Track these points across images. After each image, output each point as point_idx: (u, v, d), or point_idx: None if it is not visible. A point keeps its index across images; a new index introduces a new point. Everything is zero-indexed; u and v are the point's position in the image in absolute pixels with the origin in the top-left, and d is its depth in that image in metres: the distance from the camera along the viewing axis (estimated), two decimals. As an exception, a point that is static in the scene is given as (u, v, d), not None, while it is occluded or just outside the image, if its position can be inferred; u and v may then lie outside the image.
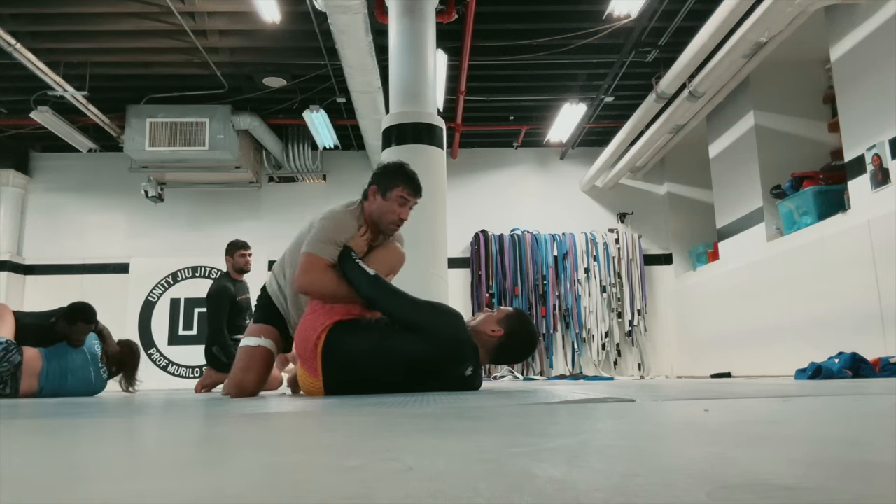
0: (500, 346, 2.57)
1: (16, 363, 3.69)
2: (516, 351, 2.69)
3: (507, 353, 2.66)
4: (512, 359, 2.80)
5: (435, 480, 0.47)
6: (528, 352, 2.75)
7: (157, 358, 7.68)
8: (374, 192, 2.82)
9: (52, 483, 0.52)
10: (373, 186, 2.83)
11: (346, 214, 2.79)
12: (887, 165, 4.27)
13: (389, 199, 2.78)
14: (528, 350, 2.73)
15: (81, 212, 8.20)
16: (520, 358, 2.82)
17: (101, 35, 5.77)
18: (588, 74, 6.57)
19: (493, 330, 2.56)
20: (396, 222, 2.83)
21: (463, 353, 2.45)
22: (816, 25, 4.95)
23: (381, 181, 2.81)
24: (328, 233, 2.71)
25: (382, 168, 2.88)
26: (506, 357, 2.72)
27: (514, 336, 2.59)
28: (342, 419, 1.19)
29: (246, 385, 2.80)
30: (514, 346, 2.62)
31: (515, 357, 2.77)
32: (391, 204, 2.78)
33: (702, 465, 0.53)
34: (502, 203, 8.24)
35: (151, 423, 1.36)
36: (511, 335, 2.58)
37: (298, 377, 2.61)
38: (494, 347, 2.58)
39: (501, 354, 2.64)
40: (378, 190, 2.81)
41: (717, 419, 1.00)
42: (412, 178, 2.83)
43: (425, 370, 2.42)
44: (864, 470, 0.49)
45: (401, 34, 4.32)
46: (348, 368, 2.45)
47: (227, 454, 0.70)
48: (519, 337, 2.62)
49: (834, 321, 4.56)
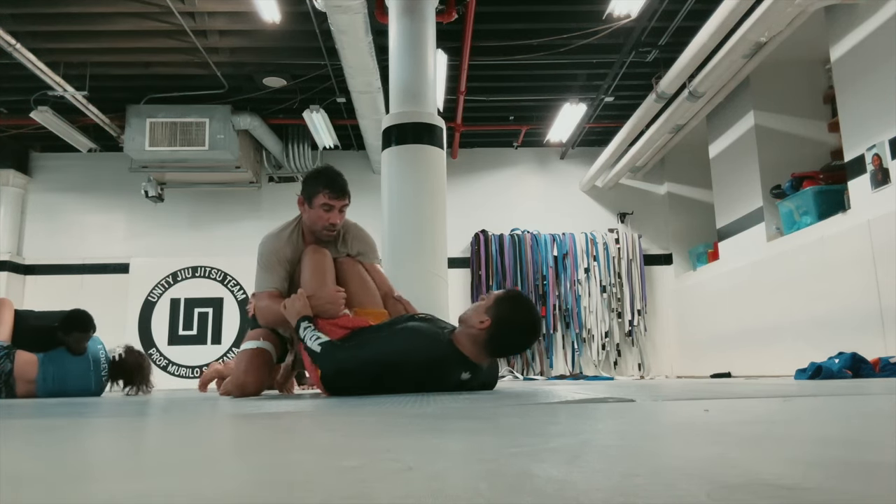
0: (490, 338, 2.26)
1: (6, 371, 3.65)
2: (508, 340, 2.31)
3: (499, 343, 2.30)
4: (508, 349, 2.41)
5: (435, 480, 0.47)
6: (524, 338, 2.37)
7: (157, 358, 7.67)
8: (300, 203, 2.84)
9: (52, 483, 0.52)
10: (299, 197, 2.83)
11: (271, 239, 2.86)
12: (887, 165, 4.27)
13: (315, 207, 2.76)
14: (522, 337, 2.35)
15: (81, 212, 8.20)
16: (517, 347, 2.42)
17: (101, 35, 5.77)
18: (588, 74, 6.57)
19: (481, 322, 2.25)
20: (329, 228, 2.78)
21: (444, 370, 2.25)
22: (816, 25, 4.95)
23: (304, 190, 2.80)
24: (260, 265, 2.84)
25: (306, 175, 2.86)
26: (501, 348, 2.34)
27: (503, 323, 2.25)
28: (342, 419, 1.19)
29: (248, 386, 2.81)
30: (505, 334, 2.27)
31: (511, 347, 2.40)
32: (317, 211, 2.76)
33: (702, 465, 0.53)
34: (502, 203, 8.24)
35: (151, 423, 1.36)
36: (500, 323, 2.25)
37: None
38: (485, 341, 2.27)
39: (495, 346, 2.30)
40: (304, 199, 2.81)
41: (717, 419, 1.00)
42: (333, 180, 2.74)
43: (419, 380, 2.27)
44: (864, 470, 0.49)
45: (401, 34, 4.32)
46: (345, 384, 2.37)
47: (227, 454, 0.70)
48: (509, 323, 2.27)
49: (834, 321, 4.56)
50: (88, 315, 3.99)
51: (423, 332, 2.33)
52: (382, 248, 4.07)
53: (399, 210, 4.03)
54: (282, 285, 2.82)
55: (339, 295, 2.62)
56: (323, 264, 2.77)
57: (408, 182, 4.08)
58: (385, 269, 3.96)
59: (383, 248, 4.06)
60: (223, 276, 8.02)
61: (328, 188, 2.73)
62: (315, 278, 2.71)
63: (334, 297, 2.60)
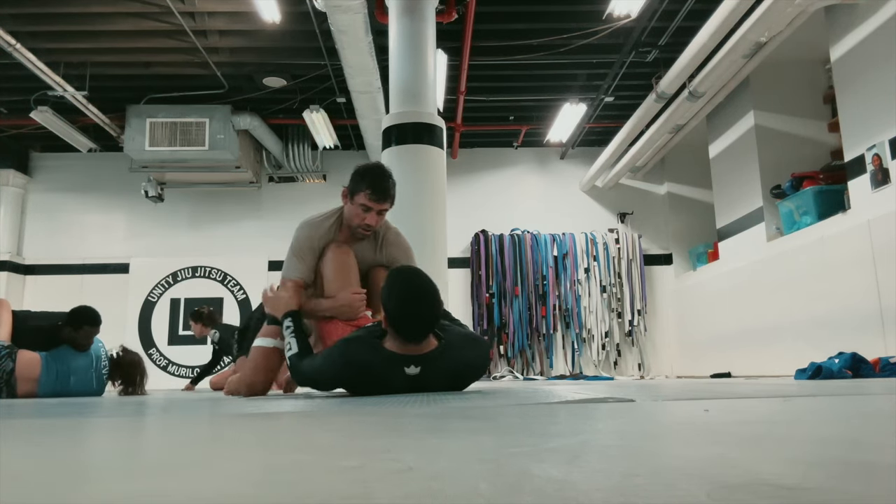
0: (392, 325, 2.13)
1: (8, 370, 3.65)
2: (404, 321, 2.12)
3: (401, 326, 2.12)
4: (411, 328, 2.14)
5: (435, 480, 0.47)
6: (413, 311, 2.12)
7: (157, 358, 7.68)
8: (344, 195, 2.77)
9: (52, 483, 0.52)
10: (344, 188, 2.77)
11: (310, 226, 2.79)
12: (887, 165, 4.27)
13: (355, 204, 2.70)
14: (410, 311, 2.12)
15: (81, 212, 8.21)
16: (415, 322, 2.14)
17: (101, 35, 5.77)
18: (588, 74, 6.57)
19: (383, 315, 2.16)
20: (364, 227, 2.71)
21: (378, 372, 2.15)
22: (816, 25, 4.95)
23: (351, 183, 2.73)
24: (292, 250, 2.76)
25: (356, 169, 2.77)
26: (406, 330, 2.13)
27: (391, 307, 2.12)
28: (342, 419, 1.19)
29: (257, 385, 2.79)
30: (399, 315, 2.12)
31: (410, 325, 2.13)
32: (356, 209, 2.70)
33: (702, 465, 0.53)
34: (502, 203, 8.24)
35: (151, 423, 1.36)
36: (389, 308, 2.13)
37: None
38: (393, 330, 2.14)
39: (400, 330, 2.13)
40: (348, 192, 2.75)
41: (717, 419, 1.00)
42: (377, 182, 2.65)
43: (364, 385, 2.21)
44: (864, 470, 0.49)
45: (401, 34, 4.32)
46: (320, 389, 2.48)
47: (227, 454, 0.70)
48: (397, 304, 2.11)
49: (834, 321, 4.56)
50: (96, 310, 4.01)
51: (356, 339, 2.25)
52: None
53: (399, 210, 4.02)
54: (309, 276, 2.75)
55: (358, 297, 2.61)
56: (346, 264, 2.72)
57: (408, 182, 4.07)
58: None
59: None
60: (223, 276, 8.02)
61: (370, 189, 2.65)
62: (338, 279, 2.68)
63: (353, 300, 2.59)
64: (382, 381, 2.18)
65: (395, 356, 2.15)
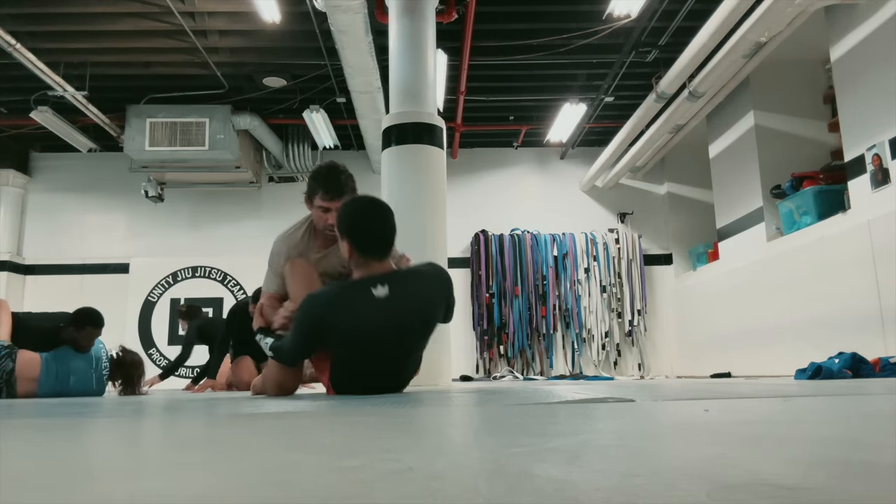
0: (352, 247, 2.30)
1: (8, 370, 3.65)
2: (361, 236, 2.31)
3: (360, 244, 2.30)
4: (369, 242, 2.33)
5: (435, 480, 0.47)
6: (366, 228, 2.32)
7: (157, 358, 7.68)
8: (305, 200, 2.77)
9: (52, 483, 0.52)
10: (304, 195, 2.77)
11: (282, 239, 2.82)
12: (887, 165, 4.26)
13: (315, 207, 2.70)
14: (363, 226, 2.31)
15: (81, 212, 8.21)
16: (372, 236, 2.33)
17: (101, 35, 5.77)
18: (588, 74, 6.57)
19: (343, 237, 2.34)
20: (329, 228, 2.67)
21: (348, 299, 2.27)
22: (816, 25, 4.95)
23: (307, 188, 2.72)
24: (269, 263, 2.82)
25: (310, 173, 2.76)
26: (365, 246, 2.31)
27: (348, 228, 2.31)
28: (342, 419, 1.19)
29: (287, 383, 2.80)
30: (356, 234, 2.30)
31: (368, 239, 2.32)
32: (317, 212, 2.69)
33: (702, 465, 0.53)
34: (502, 203, 8.24)
35: (151, 423, 1.36)
36: (346, 230, 2.31)
37: None
38: (354, 254, 2.31)
39: (359, 248, 2.30)
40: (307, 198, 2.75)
41: (717, 419, 1.00)
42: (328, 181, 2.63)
43: (339, 316, 2.29)
44: (864, 470, 0.49)
45: (401, 34, 4.32)
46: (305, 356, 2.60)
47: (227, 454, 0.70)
48: (351, 223, 2.31)
49: (834, 321, 4.56)
50: (99, 312, 4.02)
51: (326, 287, 2.42)
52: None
53: (399, 210, 4.00)
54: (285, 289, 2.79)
55: None
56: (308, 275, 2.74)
57: (408, 182, 4.08)
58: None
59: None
60: (223, 276, 8.02)
61: (323, 189, 2.65)
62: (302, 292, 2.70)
63: None
64: (354, 311, 2.25)
65: (361, 280, 2.30)
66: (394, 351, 2.41)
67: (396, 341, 2.38)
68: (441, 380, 3.87)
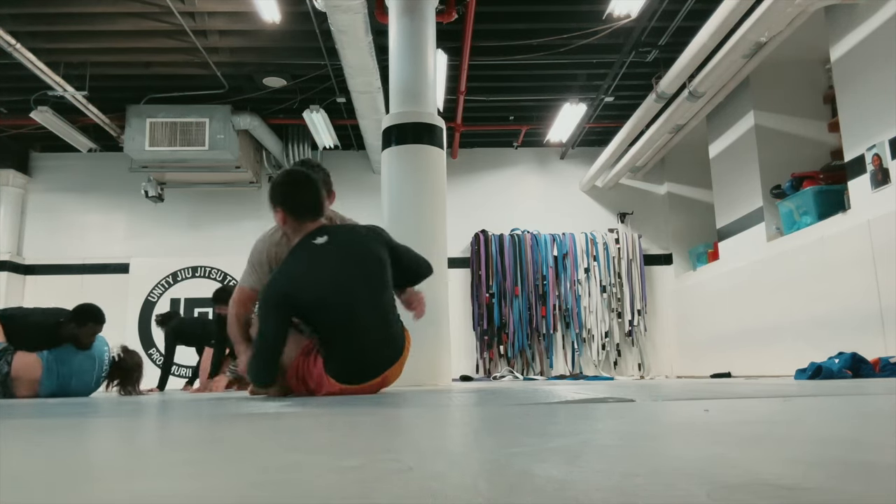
0: (285, 216, 2.50)
1: (3, 373, 3.61)
2: (288, 199, 2.51)
3: (290, 209, 2.50)
4: (295, 204, 2.52)
5: (435, 480, 0.47)
6: (293, 192, 2.52)
7: (157, 358, 7.67)
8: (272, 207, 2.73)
9: (52, 483, 0.52)
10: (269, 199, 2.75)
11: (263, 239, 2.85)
12: (887, 165, 4.26)
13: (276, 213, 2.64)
14: (289, 191, 2.52)
15: (81, 212, 8.21)
16: (300, 201, 2.53)
17: (101, 35, 5.77)
18: (588, 74, 6.57)
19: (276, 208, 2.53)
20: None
21: (299, 261, 2.41)
22: (816, 25, 4.95)
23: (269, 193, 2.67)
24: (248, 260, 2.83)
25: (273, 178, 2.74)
26: (294, 208, 2.51)
27: (276, 194, 2.52)
28: (342, 419, 1.19)
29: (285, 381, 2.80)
30: (286, 202, 2.50)
31: (297, 205, 2.52)
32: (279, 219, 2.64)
33: (702, 465, 0.53)
34: (502, 203, 8.24)
35: (151, 423, 1.36)
36: (274, 198, 2.52)
37: None
38: (289, 223, 2.51)
39: (291, 212, 2.50)
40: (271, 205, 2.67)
41: (717, 419, 1.00)
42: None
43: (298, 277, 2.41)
44: (864, 470, 0.49)
45: (401, 34, 4.32)
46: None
47: (227, 454, 0.70)
48: (278, 189, 2.53)
49: (834, 321, 4.56)
50: (100, 308, 3.98)
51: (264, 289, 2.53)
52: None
53: (399, 210, 4.04)
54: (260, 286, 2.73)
55: None
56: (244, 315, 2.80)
57: (408, 182, 4.08)
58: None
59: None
60: (223, 276, 8.02)
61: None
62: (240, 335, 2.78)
63: None
64: (305, 266, 2.38)
65: (301, 240, 2.45)
66: (361, 293, 2.41)
67: (358, 282, 2.40)
68: (441, 380, 3.87)
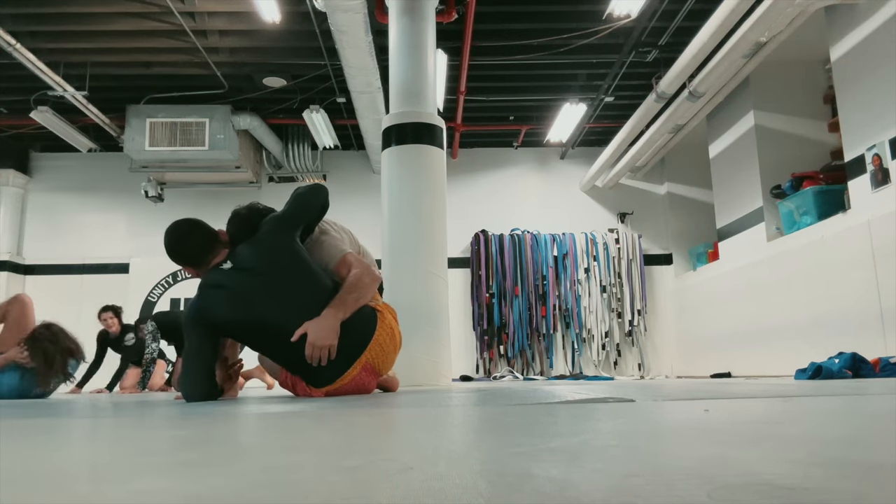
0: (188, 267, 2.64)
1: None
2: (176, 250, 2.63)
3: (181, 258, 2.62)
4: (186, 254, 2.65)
5: (435, 480, 0.47)
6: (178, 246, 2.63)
7: (157, 358, 7.67)
8: None
9: (52, 483, 0.52)
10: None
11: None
12: (887, 165, 4.26)
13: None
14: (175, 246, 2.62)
15: (81, 212, 8.21)
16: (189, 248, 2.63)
17: (101, 35, 5.77)
18: (588, 74, 6.57)
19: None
20: None
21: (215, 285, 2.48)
22: (816, 25, 4.95)
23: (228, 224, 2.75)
24: (323, 235, 2.82)
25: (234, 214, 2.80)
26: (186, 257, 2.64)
27: (167, 243, 2.64)
28: (342, 419, 1.19)
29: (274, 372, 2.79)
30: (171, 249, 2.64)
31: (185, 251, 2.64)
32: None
33: (702, 465, 0.53)
34: (502, 203, 8.24)
35: (151, 423, 1.36)
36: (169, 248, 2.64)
37: None
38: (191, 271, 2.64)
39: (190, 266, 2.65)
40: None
41: (717, 419, 1.00)
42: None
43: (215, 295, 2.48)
44: (864, 470, 0.49)
45: (401, 34, 4.32)
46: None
47: (227, 454, 0.70)
48: (166, 241, 2.65)
49: (834, 321, 4.56)
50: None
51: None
52: (382, 248, 4.07)
53: (399, 210, 4.03)
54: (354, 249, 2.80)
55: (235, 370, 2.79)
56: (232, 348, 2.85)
57: (408, 182, 4.08)
58: (384, 270, 3.97)
59: (383, 248, 4.06)
60: (223, 276, 8.00)
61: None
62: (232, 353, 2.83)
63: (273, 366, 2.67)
64: (219, 290, 2.46)
65: (211, 271, 2.55)
66: (272, 307, 2.39)
67: (262, 297, 2.40)
68: (441, 380, 3.87)
